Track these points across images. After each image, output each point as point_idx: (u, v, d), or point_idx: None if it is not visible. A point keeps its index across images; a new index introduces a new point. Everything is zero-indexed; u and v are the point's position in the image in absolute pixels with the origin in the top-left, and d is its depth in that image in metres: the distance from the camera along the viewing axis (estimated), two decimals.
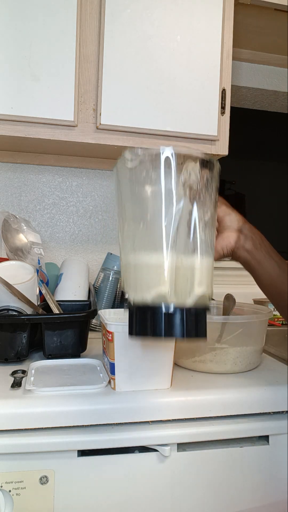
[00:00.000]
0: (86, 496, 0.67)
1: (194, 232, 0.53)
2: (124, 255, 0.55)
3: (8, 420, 0.64)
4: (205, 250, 0.54)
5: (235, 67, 1.50)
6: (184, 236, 0.52)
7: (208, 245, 0.56)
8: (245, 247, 0.67)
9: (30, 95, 0.95)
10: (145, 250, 0.53)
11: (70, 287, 1.05)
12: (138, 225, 0.54)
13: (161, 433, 0.68)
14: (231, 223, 0.68)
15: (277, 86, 1.56)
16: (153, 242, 0.52)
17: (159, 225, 0.52)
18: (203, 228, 0.54)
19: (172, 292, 0.52)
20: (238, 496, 0.73)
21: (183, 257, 0.52)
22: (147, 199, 0.53)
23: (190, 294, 0.53)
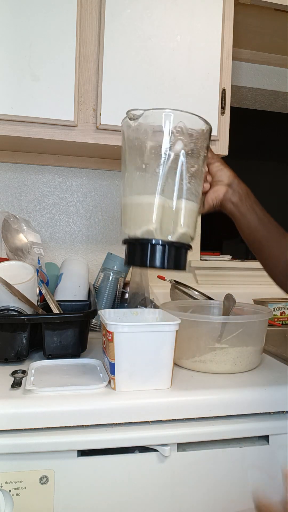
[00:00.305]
0: (86, 496, 0.67)
1: (180, 181, 0.63)
2: (123, 198, 0.66)
3: (8, 420, 0.64)
4: (189, 197, 0.65)
5: (235, 67, 1.50)
6: (172, 184, 0.63)
7: (193, 193, 0.66)
8: (232, 200, 0.75)
9: (30, 95, 0.95)
10: (139, 193, 0.64)
11: (70, 287, 1.05)
12: (135, 173, 0.65)
13: (161, 433, 0.68)
14: (222, 178, 0.76)
15: (277, 86, 1.56)
16: (145, 187, 0.63)
17: (151, 174, 0.63)
18: (189, 178, 0.64)
19: (158, 230, 0.63)
20: (238, 496, 0.73)
21: (169, 201, 0.63)
22: (143, 152, 0.64)
23: (174, 232, 0.63)
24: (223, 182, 0.76)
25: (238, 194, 0.75)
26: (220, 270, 1.49)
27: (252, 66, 1.53)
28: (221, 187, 0.76)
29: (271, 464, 0.74)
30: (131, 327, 0.69)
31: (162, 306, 0.95)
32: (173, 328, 0.71)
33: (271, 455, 0.74)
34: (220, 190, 0.76)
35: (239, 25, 1.26)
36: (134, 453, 0.69)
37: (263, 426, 0.73)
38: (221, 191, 0.76)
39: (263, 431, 0.73)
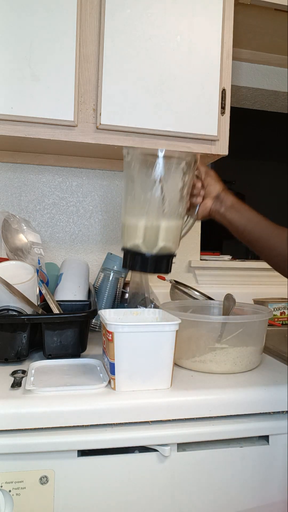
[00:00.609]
0: (86, 496, 0.67)
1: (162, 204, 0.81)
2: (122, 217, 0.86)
3: (8, 420, 0.64)
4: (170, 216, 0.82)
5: (235, 67, 1.50)
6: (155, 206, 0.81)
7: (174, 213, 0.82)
8: (218, 210, 0.87)
9: (30, 95, 0.95)
10: (130, 214, 0.83)
11: (70, 287, 1.05)
12: (128, 198, 0.84)
13: (161, 433, 0.68)
14: (211, 191, 0.88)
15: (277, 86, 1.56)
16: (134, 210, 0.82)
17: (139, 200, 0.82)
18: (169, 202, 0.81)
19: (142, 244, 0.82)
20: (238, 496, 0.73)
21: (153, 221, 0.81)
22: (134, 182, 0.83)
23: (155, 246, 0.82)
24: (212, 195, 0.88)
25: (223, 204, 0.87)
26: (220, 270, 1.49)
27: (252, 66, 1.53)
28: (208, 200, 0.88)
29: (271, 464, 0.74)
30: (131, 327, 0.69)
31: (162, 306, 0.95)
32: (173, 328, 0.71)
33: (271, 455, 0.74)
34: (208, 203, 0.88)
35: (239, 25, 1.27)
36: (134, 453, 0.69)
37: (263, 426, 0.73)
38: (208, 204, 0.88)
39: (263, 431, 0.73)
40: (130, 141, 1.02)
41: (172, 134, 1.03)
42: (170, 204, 0.82)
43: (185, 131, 1.04)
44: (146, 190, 0.81)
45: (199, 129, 1.05)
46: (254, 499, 0.73)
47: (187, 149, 1.06)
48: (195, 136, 1.05)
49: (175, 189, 0.82)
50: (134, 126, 1.01)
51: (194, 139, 1.06)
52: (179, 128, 1.04)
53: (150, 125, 1.02)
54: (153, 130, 1.02)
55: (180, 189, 0.83)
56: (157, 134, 1.03)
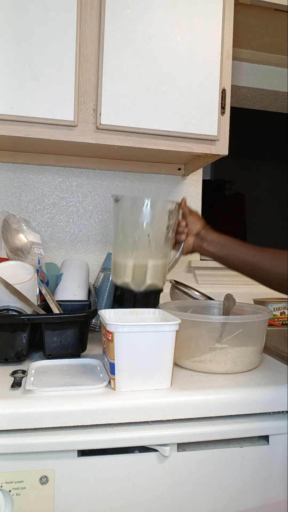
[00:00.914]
0: (86, 496, 0.67)
1: (149, 245, 0.90)
2: (112, 255, 0.95)
3: (8, 420, 0.64)
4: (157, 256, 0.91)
5: (235, 67, 1.50)
6: (143, 247, 0.90)
7: (160, 252, 0.92)
8: (202, 246, 0.96)
9: (30, 95, 0.95)
10: (119, 254, 0.92)
11: (70, 287, 1.05)
12: (118, 238, 0.93)
13: (161, 433, 0.68)
14: (193, 229, 0.97)
15: (277, 86, 1.56)
16: (124, 250, 0.91)
17: (127, 240, 0.91)
18: (156, 243, 0.90)
19: (131, 282, 0.91)
20: (238, 496, 0.73)
21: (141, 260, 0.90)
22: (123, 224, 0.92)
23: (143, 283, 0.91)
24: (193, 232, 0.97)
25: (204, 240, 0.95)
26: (220, 270, 1.48)
27: (252, 66, 1.53)
28: (191, 237, 0.97)
29: (271, 464, 0.74)
30: (131, 327, 0.69)
31: (162, 306, 0.95)
32: (173, 328, 0.71)
33: (271, 455, 0.74)
34: (190, 240, 0.97)
35: (239, 25, 1.27)
36: (134, 453, 0.69)
37: (263, 426, 0.73)
38: (191, 241, 0.97)
39: (263, 431, 0.73)
40: (130, 141, 1.02)
41: (172, 134, 1.03)
42: (157, 245, 0.90)
43: (185, 131, 1.04)
44: (135, 232, 0.89)
45: (199, 129, 1.05)
46: (254, 499, 0.73)
47: (187, 149, 1.06)
48: (195, 136, 1.05)
49: (161, 231, 0.91)
50: (134, 126, 1.01)
51: (194, 139, 1.06)
52: (179, 128, 1.04)
53: (150, 125, 1.02)
54: (153, 130, 1.02)
55: (166, 231, 0.92)
56: (157, 134, 1.03)
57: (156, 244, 0.90)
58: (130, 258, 0.90)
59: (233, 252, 0.92)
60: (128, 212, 0.91)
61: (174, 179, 1.42)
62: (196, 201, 1.44)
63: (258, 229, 4.38)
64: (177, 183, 1.43)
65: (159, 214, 0.90)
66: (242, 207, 4.06)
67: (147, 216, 0.89)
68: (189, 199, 1.44)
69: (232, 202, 4.02)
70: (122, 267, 0.91)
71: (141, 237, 0.89)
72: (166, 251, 0.94)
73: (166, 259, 0.94)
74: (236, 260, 0.91)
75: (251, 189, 4.45)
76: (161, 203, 0.92)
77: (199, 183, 1.45)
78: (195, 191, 1.44)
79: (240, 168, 4.44)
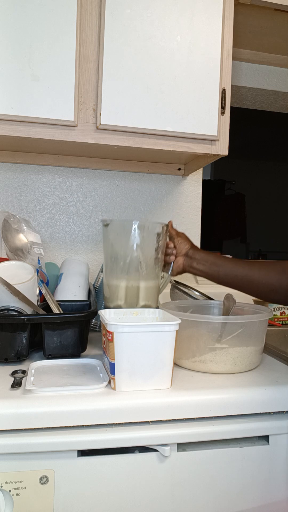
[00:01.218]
0: (86, 496, 0.67)
1: (140, 268, 0.92)
2: (104, 278, 0.97)
3: (8, 420, 0.64)
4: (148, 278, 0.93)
5: (235, 67, 1.50)
6: (134, 270, 0.92)
7: (151, 274, 0.94)
8: (191, 265, 0.99)
9: (30, 95, 0.95)
10: (111, 277, 0.94)
11: (70, 287, 1.05)
12: (109, 260, 0.94)
13: (161, 433, 0.68)
14: (181, 250, 1.00)
15: (277, 86, 1.56)
16: (115, 273, 0.93)
17: (119, 263, 0.92)
18: (146, 266, 0.93)
19: (124, 304, 0.92)
20: (238, 496, 0.73)
21: (133, 283, 0.92)
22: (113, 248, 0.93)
23: (136, 305, 0.92)
24: (182, 253, 1.00)
25: (193, 259, 0.98)
26: None
27: (252, 66, 1.53)
28: (180, 257, 1.00)
29: (271, 464, 0.74)
30: (131, 327, 0.69)
31: (162, 306, 0.95)
32: (173, 328, 0.71)
33: (271, 455, 0.74)
34: (180, 260, 1.00)
35: (239, 25, 1.27)
36: (134, 453, 0.69)
37: (263, 426, 0.73)
38: (181, 261, 1.00)
39: (263, 431, 0.73)
40: (130, 141, 1.02)
41: (172, 134, 1.03)
42: (147, 266, 0.93)
43: (185, 131, 1.04)
44: (125, 255, 0.91)
45: (199, 129, 1.05)
46: (254, 499, 0.73)
47: (187, 149, 1.06)
48: (195, 136, 1.05)
49: (150, 253, 0.94)
50: (134, 126, 1.01)
51: (194, 139, 1.06)
52: (179, 128, 1.04)
53: (150, 125, 1.02)
54: (153, 130, 1.02)
55: (155, 252, 0.95)
56: (157, 134, 1.03)
57: (146, 266, 0.93)
58: (122, 281, 0.92)
59: (222, 268, 0.94)
60: (117, 236, 0.93)
61: (174, 179, 1.43)
62: (196, 201, 1.44)
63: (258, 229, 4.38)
64: (177, 183, 1.43)
65: (148, 237, 0.93)
66: (242, 207, 4.06)
67: (136, 239, 0.92)
68: (189, 199, 1.44)
69: (232, 202, 4.02)
70: (114, 290, 0.93)
71: (131, 259, 0.91)
72: (157, 272, 0.96)
73: (157, 280, 0.97)
74: (226, 275, 0.94)
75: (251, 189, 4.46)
76: (149, 225, 0.94)
77: (199, 183, 1.45)
78: (195, 191, 1.44)
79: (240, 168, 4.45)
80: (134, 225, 0.92)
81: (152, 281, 0.94)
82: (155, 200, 1.41)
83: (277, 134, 3.62)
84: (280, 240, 4.33)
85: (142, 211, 1.40)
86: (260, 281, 0.89)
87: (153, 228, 0.94)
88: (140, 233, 0.92)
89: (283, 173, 4.44)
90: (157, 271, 0.97)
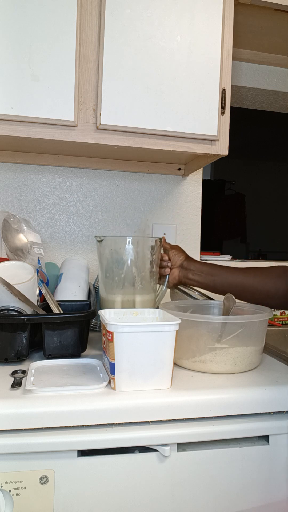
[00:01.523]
0: (86, 496, 0.67)
1: (135, 283, 0.95)
2: (100, 293, 0.99)
3: (8, 420, 0.64)
4: (143, 292, 0.95)
5: (235, 67, 1.51)
6: (129, 285, 0.94)
7: (146, 288, 0.96)
8: (187, 276, 1.02)
9: (30, 95, 0.95)
10: (107, 292, 0.96)
11: (70, 287, 1.05)
12: (105, 276, 0.96)
13: (161, 433, 0.68)
14: (176, 262, 1.03)
15: (277, 86, 1.56)
16: (111, 287, 0.95)
17: (114, 279, 0.95)
18: (141, 280, 0.95)
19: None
20: (238, 496, 0.73)
21: (128, 297, 0.94)
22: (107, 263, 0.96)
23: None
24: (177, 264, 1.02)
25: (188, 270, 1.01)
26: None
27: (252, 66, 1.53)
28: (175, 269, 1.03)
29: (271, 464, 0.74)
30: (131, 327, 0.69)
31: (162, 306, 0.95)
32: (173, 328, 0.71)
33: (271, 455, 0.74)
34: (175, 272, 1.03)
35: (239, 25, 1.27)
36: (134, 453, 0.69)
37: (263, 426, 0.73)
38: (176, 272, 1.03)
39: (263, 431, 0.73)
40: (130, 141, 1.02)
41: (172, 134, 1.03)
42: (143, 280, 0.95)
43: (185, 131, 1.04)
44: (120, 271, 0.93)
45: (199, 129, 1.05)
46: (254, 499, 0.73)
47: (187, 149, 1.06)
48: (195, 136, 1.05)
49: (145, 267, 0.96)
50: (134, 126, 1.01)
51: (194, 139, 1.06)
52: (179, 128, 1.04)
53: (150, 125, 1.02)
54: (153, 130, 1.02)
55: (150, 266, 0.96)
56: (157, 134, 1.03)
57: (141, 280, 0.95)
58: (117, 296, 0.94)
59: (218, 277, 0.97)
60: (111, 252, 0.95)
61: (174, 179, 1.43)
62: (196, 201, 1.45)
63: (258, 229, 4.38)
64: (177, 183, 1.43)
65: (142, 251, 0.95)
66: (242, 207, 4.06)
67: (130, 254, 0.93)
68: (189, 199, 1.44)
69: (232, 202, 4.02)
70: (111, 305, 0.95)
71: (126, 275, 0.93)
72: (152, 286, 0.98)
73: (153, 294, 0.98)
74: (221, 285, 0.96)
75: (251, 189, 4.46)
76: (143, 240, 0.95)
77: (199, 183, 1.45)
78: (195, 191, 1.44)
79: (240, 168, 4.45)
80: (127, 240, 0.94)
81: (148, 295, 0.96)
82: (155, 200, 1.41)
83: (277, 134, 3.62)
84: (280, 240, 4.33)
85: (142, 211, 1.40)
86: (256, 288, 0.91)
87: (146, 242, 0.95)
88: (134, 249, 0.94)
89: (283, 173, 4.44)
90: (153, 285, 0.98)
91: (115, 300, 0.95)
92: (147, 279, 0.96)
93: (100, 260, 0.97)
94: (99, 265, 0.98)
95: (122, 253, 0.94)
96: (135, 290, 0.94)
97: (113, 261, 0.95)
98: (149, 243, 0.96)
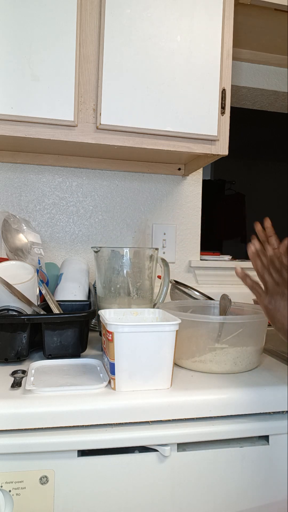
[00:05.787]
0: (86, 496, 0.67)
1: (129, 292, 0.96)
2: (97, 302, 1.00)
3: (8, 420, 0.64)
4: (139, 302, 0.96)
5: (235, 67, 1.50)
6: (124, 293, 0.95)
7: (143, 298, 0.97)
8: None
9: (30, 95, 0.95)
10: (104, 302, 0.96)
11: (70, 287, 1.05)
12: (101, 286, 0.98)
13: (161, 433, 0.68)
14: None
15: (277, 86, 1.56)
16: (108, 298, 0.96)
17: (110, 289, 0.96)
18: (136, 289, 0.96)
19: None
20: (238, 496, 0.73)
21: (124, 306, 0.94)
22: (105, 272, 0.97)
23: None
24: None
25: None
26: (220, 270, 1.48)
27: (252, 66, 1.53)
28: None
29: (271, 464, 0.74)
30: (131, 327, 0.69)
31: (162, 306, 0.95)
32: (173, 328, 0.71)
33: (271, 455, 0.74)
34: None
35: (239, 25, 1.27)
36: (134, 453, 0.69)
37: (263, 426, 0.73)
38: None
39: (263, 431, 0.73)
40: (130, 141, 1.02)
41: (172, 134, 1.03)
42: (139, 291, 0.96)
43: (185, 131, 1.04)
44: (116, 281, 0.94)
45: (199, 129, 1.05)
46: (254, 499, 0.73)
47: (187, 149, 1.06)
48: (195, 136, 1.05)
49: (142, 278, 0.96)
50: (134, 126, 1.01)
51: (194, 139, 1.06)
52: (179, 128, 1.04)
53: (150, 125, 1.02)
54: (153, 130, 1.02)
55: (147, 276, 0.97)
56: (157, 134, 1.03)
57: (137, 291, 0.96)
58: (114, 306, 0.94)
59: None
60: (108, 262, 0.95)
61: (174, 179, 1.43)
62: (196, 201, 1.45)
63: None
64: (177, 183, 1.43)
65: (139, 262, 0.96)
66: (242, 207, 4.06)
67: (126, 265, 0.94)
68: (189, 199, 1.44)
69: (232, 202, 4.03)
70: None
71: (122, 285, 0.94)
72: (148, 296, 0.98)
73: (150, 305, 0.98)
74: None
75: (251, 189, 4.46)
76: (140, 250, 0.96)
77: (199, 183, 1.45)
78: (195, 191, 1.44)
79: (240, 168, 4.45)
80: (125, 250, 0.94)
81: (144, 306, 0.96)
82: (155, 200, 1.41)
83: (277, 134, 3.62)
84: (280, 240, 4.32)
85: (142, 211, 1.40)
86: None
87: (144, 252, 0.96)
88: (131, 260, 0.94)
89: (283, 173, 4.44)
90: (149, 295, 0.98)
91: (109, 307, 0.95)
92: (143, 289, 0.96)
93: (97, 270, 0.98)
94: (97, 276, 0.99)
95: (118, 265, 0.94)
96: (131, 300, 0.95)
97: (109, 272, 0.96)
98: (147, 253, 0.96)
